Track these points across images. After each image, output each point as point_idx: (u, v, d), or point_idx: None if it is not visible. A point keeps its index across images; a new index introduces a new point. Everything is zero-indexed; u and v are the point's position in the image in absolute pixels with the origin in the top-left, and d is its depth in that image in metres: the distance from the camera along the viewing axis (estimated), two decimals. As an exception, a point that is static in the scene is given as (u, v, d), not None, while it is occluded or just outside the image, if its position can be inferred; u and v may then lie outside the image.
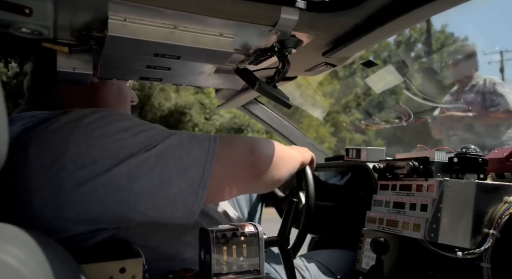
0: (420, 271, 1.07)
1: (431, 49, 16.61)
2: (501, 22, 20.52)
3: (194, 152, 0.84)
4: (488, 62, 20.45)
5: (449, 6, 0.73)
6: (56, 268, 0.47)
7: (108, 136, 0.77)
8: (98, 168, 0.74)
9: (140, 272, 0.75)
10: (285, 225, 0.98)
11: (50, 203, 0.72)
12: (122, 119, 0.82)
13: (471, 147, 1.06)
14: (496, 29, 23.37)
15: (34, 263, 0.43)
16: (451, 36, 18.62)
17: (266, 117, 1.82)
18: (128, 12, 0.73)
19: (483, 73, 5.87)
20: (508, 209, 0.95)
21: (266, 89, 0.89)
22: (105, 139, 0.76)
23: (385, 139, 14.08)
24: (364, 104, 14.78)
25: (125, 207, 0.76)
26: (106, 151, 0.75)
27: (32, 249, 0.46)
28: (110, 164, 0.74)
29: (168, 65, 0.91)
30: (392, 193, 1.16)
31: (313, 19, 0.78)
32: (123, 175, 0.75)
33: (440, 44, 17.70)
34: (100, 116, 0.79)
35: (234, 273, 0.90)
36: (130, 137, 0.79)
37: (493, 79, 3.01)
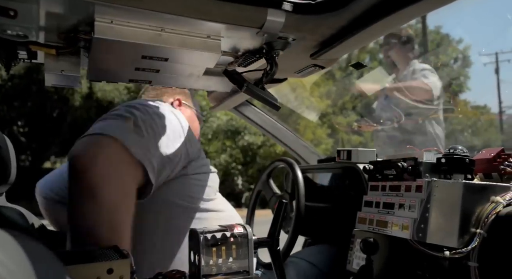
0: (409, 271, 1.08)
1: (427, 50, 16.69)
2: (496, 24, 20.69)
3: None
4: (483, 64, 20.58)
5: (433, 7, 0.74)
6: (38, 270, 0.48)
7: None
8: None
9: (128, 273, 0.75)
10: (274, 226, 0.98)
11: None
12: None
13: (459, 148, 1.07)
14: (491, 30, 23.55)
15: (13, 264, 0.43)
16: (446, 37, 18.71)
17: (259, 119, 1.82)
18: (114, 14, 0.74)
19: (479, 74, 5.82)
20: (495, 209, 0.96)
21: (254, 90, 0.90)
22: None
23: (381, 140, 14.12)
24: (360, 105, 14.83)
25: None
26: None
27: (13, 251, 0.46)
28: None
29: (156, 67, 0.91)
30: (381, 194, 1.17)
31: (300, 21, 0.79)
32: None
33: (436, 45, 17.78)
34: None
35: (224, 274, 0.91)
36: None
37: (423, 66, 2.86)
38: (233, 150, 16.57)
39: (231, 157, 16.42)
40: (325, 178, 1.63)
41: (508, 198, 0.98)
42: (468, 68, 18.29)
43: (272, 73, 0.90)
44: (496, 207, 0.96)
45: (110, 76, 0.96)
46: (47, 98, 14.21)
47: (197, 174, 1.26)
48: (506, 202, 0.97)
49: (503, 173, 1.10)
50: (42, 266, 0.50)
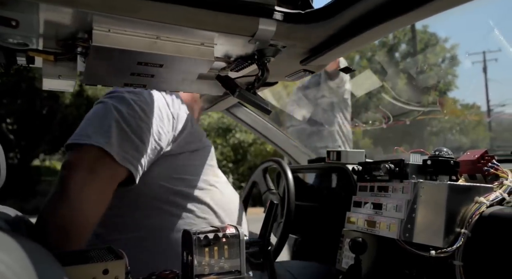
0: (397, 270, 1.11)
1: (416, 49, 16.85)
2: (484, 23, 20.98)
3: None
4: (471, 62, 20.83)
5: (417, 19, 0.78)
6: (40, 271, 0.50)
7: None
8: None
9: (122, 273, 0.77)
10: (265, 227, 1.01)
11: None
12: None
13: (444, 150, 1.11)
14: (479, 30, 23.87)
15: (18, 266, 0.45)
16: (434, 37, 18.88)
17: (250, 120, 1.85)
18: (112, 23, 0.76)
19: (467, 73, 5.86)
20: (479, 209, 0.99)
21: (246, 96, 0.92)
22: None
23: (372, 138, 14.25)
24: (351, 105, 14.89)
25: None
26: None
27: (17, 253, 0.48)
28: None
29: (151, 72, 0.93)
30: (370, 194, 1.21)
31: (290, 29, 0.82)
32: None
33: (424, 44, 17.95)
34: None
35: (216, 274, 0.93)
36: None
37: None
38: (224, 148, 16.59)
39: (222, 155, 16.44)
40: (315, 178, 1.66)
41: (492, 199, 1.01)
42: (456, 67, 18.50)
43: (264, 78, 0.92)
44: (480, 208, 0.99)
45: (106, 81, 0.98)
46: (37, 95, 14.08)
47: (184, 153, 1.31)
48: (489, 202, 1.00)
49: (487, 174, 1.14)
50: (44, 267, 0.53)
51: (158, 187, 1.27)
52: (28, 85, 13.39)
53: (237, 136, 16.01)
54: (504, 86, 21.67)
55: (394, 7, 0.74)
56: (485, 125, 18.26)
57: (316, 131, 2.72)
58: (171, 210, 1.28)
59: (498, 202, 1.01)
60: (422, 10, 0.73)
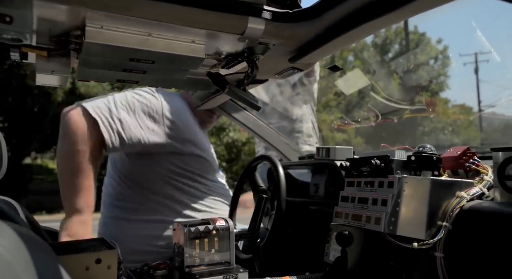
0: (382, 262, 1.15)
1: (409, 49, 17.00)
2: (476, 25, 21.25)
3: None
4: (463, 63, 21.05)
5: (400, 19, 0.81)
6: (36, 257, 0.52)
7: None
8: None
9: (115, 263, 0.80)
10: (255, 220, 1.05)
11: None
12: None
13: (427, 146, 1.14)
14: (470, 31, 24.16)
15: (16, 250, 0.47)
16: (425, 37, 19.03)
17: (242, 117, 1.88)
18: (104, 20, 0.78)
19: (459, 74, 5.85)
20: (459, 203, 1.03)
21: (236, 92, 0.95)
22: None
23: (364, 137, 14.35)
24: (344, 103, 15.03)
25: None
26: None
27: (15, 240, 0.50)
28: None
29: (143, 68, 0.96)
30: (357, 189, 1.24)
31: (279, 28, 0.84)
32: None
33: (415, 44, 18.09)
34: None
35: (206, 264, 0.96)
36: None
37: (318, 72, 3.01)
38: (218, 147, 16.58)
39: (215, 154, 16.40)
40: (305, 174, 1.69)
41: (472, 193, 1.05)
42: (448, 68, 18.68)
43: (253, 75, 0.95)
44: (461, 202, 1.03)
45: (99, 76, 1.00)
46: (28, 93, 13.95)
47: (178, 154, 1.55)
48: (469, 197, 1.04)
49: (468, 170, 1.18)
50: (40, 255, 0.55)
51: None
52: (19, 83, 13.27)
53: (230, 135, 16.00)
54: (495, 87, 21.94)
55: (379, 6, 0.77)
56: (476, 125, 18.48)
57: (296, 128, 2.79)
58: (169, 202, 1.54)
59: (478, 196, 1.05)
60: (406, 9, 0.76)
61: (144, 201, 1.53)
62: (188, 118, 1.62)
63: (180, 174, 1.56)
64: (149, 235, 1.49)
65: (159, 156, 1.54)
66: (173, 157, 1.54)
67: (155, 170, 1.53)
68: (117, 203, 1.58)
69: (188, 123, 1.60)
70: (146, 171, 1.54)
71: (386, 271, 1.14)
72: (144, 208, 1.53)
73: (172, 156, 1.54)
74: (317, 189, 1.59)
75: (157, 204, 1.53)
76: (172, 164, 1.55)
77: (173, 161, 1.55)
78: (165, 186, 1.54)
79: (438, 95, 16.73)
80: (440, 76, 17.22)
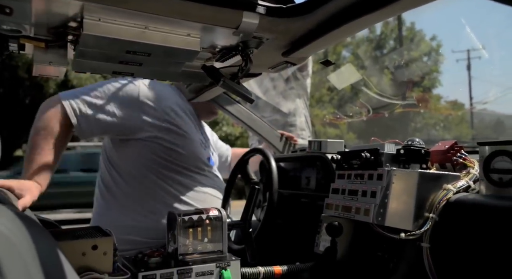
0: (370, 252, 1.18)
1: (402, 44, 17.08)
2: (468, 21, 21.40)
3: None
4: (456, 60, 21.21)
5: (390, 15, 0.83)
6: (37, 240, 0.54)
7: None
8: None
9: (111, 249, 0.82)
10: (247, 210, 1.07)
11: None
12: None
13: (416, 140, 1.17)
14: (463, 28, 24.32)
15: (18, 232, 0.49)
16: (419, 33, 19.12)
17: (235, 110, 1.89)
18: (102, 13, 0.80)
19: (451, 70, 5.87)
20: (446, 196, 1.06)
21: (230, 85, 0.97)
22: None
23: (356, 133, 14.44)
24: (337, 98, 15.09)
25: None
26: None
27: (17, 223, 0.52)
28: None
29: (139, 61, 0.97)
30: (347, 182, 1.27)
31: (272, 23, 0.86)
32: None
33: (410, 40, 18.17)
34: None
35: (199, 253, 0.99)
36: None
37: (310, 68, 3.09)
38: (211, 142, 16.53)
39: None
40: (297, 167, 1.71)
41: (458, 186, 1.08)
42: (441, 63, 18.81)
43: (247, 69, 0.97)
44: (447, 194, 1.06)
45: (95, 68, 1.01)
46: (20, 84, 13.80)
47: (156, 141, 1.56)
48: (456, 189, 1.07)
49: (456, 163, 1.21)
50: (40, 239, 0.57)
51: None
52: (11, 75, 13.12)
53: (224, 129, 15.99)
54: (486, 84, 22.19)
55: (372, 1, 0.79)
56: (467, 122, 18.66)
57: (289, 122, 2.82)
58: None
59: (464, 189, 1.09)
60: (397, 5, 0.78)
61: (132, 190, 1.56)
62: (176, 106, 1.61)
63: (162, 163, 1.57)
64: (138, 226, 1.51)
65: (139, 142, 1.55)
66: (154, 144, 1.55)
67: (138, 157, 1.56)
68: (106, 194, 1.60)
69: (174, 110, 1.59)
70: (129, 158, 1.57)
71: (374, 261, 1.18)
72: (132, 198, 1.55)
73: (152, 143, 1.55)
74: (309, 182, 1.62)
75: (145, 193, 1.55)
76: (153, 151, 1.56)
77: (154, 149, 1.56)
78: (150, 175, 1.56)
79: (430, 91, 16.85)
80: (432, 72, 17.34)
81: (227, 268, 0.96)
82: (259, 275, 1.09)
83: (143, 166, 1.56)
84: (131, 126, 1.52)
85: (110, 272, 0.82)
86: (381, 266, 1.15)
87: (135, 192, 1.55)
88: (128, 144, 1.57)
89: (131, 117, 1.52)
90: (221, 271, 0.95)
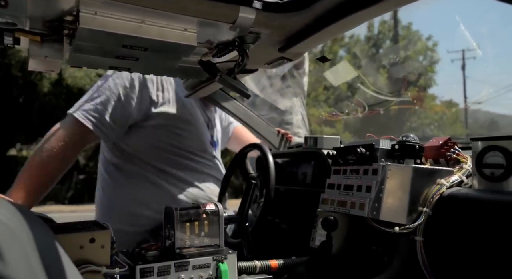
0: (365, 246, 1.19)
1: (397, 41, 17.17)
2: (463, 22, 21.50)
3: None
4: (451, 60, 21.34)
5: (387, 9, 0.84)
6: (36, 232, 0.55)
7: None
8: None
9: (108, 242, 0.82)
10: (243, 205, 1.08)
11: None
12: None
13: (410, 136, 1.19)
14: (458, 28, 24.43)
15: (18, 223, 0.50)
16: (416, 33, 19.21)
17: (232, 107, 1.90)
18: (98, 6, 0.80)
19: (446, 70, 5.91)
20: (440, 190, 1.08)
21: (227, 80, 0.98)
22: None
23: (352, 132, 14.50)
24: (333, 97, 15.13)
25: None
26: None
27: (16, 215, 0.53)
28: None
29: (136, 55, 0.98)
30: (343, 177, 1.28)
31: (269, 18, 0.87)
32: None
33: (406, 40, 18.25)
34: None
35: (196, 247, 1.00)
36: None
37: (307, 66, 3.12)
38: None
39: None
40: (293, 163, 1.72)
41: (451, 181, 1.10)
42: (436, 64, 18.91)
43: (244, 64, 0.98)
44: (441, 189, 1.08)
45: (91, 63, 1.02)
46: (13, 83, 13.71)
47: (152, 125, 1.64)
48: (449, 184, 1.09)
49: (449, 159, 1.22)
50: (39, 231, 0.58)
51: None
52: (4, 73, 13.02)
53: (219, 128, 15.96)
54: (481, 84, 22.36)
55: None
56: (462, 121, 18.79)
57: (285, 120, 2.83)
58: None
59: (457, 184, 1.10)
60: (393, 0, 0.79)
61: (137, 169, 1.65)
62: (177, 94, 1.69)
63: (166, 148, 1.66)
64: (143, 200, 1.63)
65: (142, 129, 1.64)
66: (158, 130, 1.64)
67: (142, 142, 1.65)
68: (110, 171, 1.70)
69: (176, 99, 1.67)
70: (133, 142, 1.65)
71: (368, 254, 1.19)
72: (135, 175, 1.65)
73: (154, 129, 1.63)
74: (305, 177, 1.63)
75: (149, 172, 1.65)
76: (156, 137, 1.65)
77: (157, 134, 1.65)
78: (153, 158, 1.65)
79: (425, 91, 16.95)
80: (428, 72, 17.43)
81: (224, 261, 0.97)
82: (255, 269, 1.10)
83: (147, 150, 1.65)
84: (132, 115, 1.58)
85: (108, 265, 0.82)
86: (375, 259, 1.17)
87: (140, 170, 1.66)
88: (132, 131, 1.64)
89: (140, 104, 1.58)
90: (218, 264, 0.96)
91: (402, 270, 1.09)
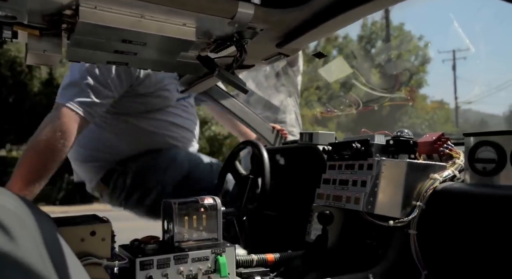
0: (360, 240, 1.21)
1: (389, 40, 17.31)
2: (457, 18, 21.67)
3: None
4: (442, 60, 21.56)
5: (385, 5, 0.86)
6: (41, 223, 0.55)
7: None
8: None
9: (109, 235, 0.83)
10: (241, 199, 1.09)
11: None
12: None
13: (405, 131, 1.21)
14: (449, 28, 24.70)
15: (25, 215, 0.51)
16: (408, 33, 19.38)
17: (228, 103, 1.91)
18: (98, 0, 0.80)
19: (437, 70, 5.94)
20: (433, 185, 1.10)
21: (225, 75, 0.99)
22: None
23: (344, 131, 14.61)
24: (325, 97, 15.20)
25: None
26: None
27: (23, 205, 0.53)
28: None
29: (134, 50, 0.98)
30: (338, 172, 1.29)
31: (267, 13, 0.89)
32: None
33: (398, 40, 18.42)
34: None
35: (195, 240, 1.01)
36: None
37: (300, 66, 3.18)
38: (199, 140, 16.48)
39: (196, 147, 16.31)
40: (289, 159, 1.74)
41: (444, 175, 1.13)
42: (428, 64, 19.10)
43: (242, 59, 0.99)
44: (434, 183, 1.10)
45: (89, 57, 1.02)
46: (2, 83, 13.55)
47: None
48: (442, 178, 1.12)
49: (442, 154, 1.25)
50: (44, 223, 0.58)
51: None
52: (-7, 73, 12.87)
53: (212, 128, 15.94)
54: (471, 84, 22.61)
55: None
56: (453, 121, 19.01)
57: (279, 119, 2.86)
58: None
59: (450, 178, 1.13)
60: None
61: (118, 116, 1.88)
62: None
63: (143, 110, 1.88)
64: (121, 135, 1.87)
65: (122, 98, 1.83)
66: (135, 98, 1.84)
67: (124, 107, 1.85)
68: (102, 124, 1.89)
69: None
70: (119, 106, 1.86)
71: (363, 248, 1.21)
72: (117, 121, 1.88)
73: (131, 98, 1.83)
74: (300, 173, 1.65)
75: (131, 117, 1.88)
76: (135, 103, 1.86)
77: (135, 101, 1.85)
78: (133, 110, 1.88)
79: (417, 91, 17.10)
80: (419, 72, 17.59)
81: (222, 254, 0.98)
82: (252, 263, 1.11)
83: (132, 112, 1.88)
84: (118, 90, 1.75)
85: (108, 257, 0.83)
86: (370, 252, 1.19)
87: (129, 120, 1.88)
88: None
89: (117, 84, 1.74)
90: (216, 257, 0.97)
91: (396, 263, 1.11)
